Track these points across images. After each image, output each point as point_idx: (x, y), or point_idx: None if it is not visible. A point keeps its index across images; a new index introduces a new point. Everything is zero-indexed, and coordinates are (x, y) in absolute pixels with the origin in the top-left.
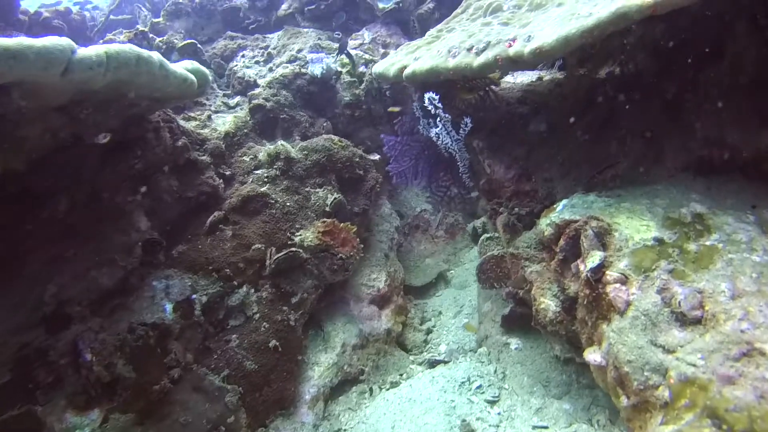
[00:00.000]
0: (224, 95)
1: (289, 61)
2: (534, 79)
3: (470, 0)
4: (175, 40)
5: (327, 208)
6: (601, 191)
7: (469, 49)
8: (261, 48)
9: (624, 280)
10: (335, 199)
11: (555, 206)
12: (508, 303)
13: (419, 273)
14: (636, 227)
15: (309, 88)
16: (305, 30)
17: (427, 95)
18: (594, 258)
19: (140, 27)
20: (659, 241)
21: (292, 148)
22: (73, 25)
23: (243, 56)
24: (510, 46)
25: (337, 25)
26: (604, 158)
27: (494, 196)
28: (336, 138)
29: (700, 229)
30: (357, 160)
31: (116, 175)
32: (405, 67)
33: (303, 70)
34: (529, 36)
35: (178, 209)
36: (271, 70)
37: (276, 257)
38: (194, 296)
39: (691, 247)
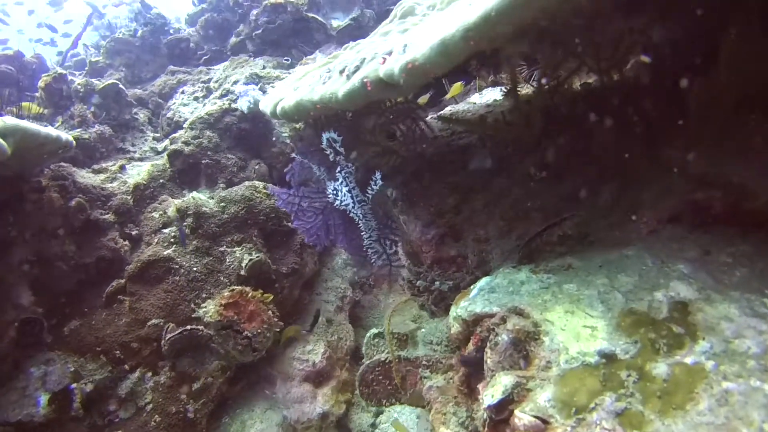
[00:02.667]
0: (154, 139)
1: (222, 96)
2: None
3: (397, 7)
4: (95, 82)
5: (242, 272)
6: (540, 262)
7: (342, 72)
8: (202, 82)
9: (541, 429)
10: (252, 260)
11: (472, 288)
12: None
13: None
14: (576, 330)
15: (240, 125)
16: (252, 58)
17: (326, 135)
18: (497, 388)
19: (58, 70)
20: (607, 357)
21: (211, 199)
22: (32, 68)
23: (183, 92)
24: (384, 62)
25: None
26: (562, 206)
27: (418, 261)
28: (260, 185)
29: (679, 333)
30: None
31: None
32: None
33: (234, 106)
34: (405, 46)
35: (76, 278)
36: (205, 106)
37: (170, 336)
38: (73, 386)
39: (660, 369)
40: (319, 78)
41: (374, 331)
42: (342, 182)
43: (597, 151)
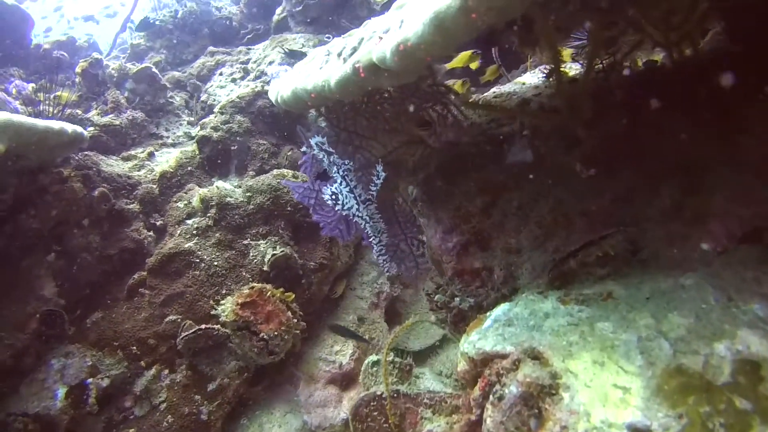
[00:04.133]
0: (188, 123)
1: (256, 78)
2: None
3: None
4: (129, 66)
5: (265, 267)
6: (574, 286)
7: (339, 55)
8: (241, 63)
9: None
10: (275, 255)
11: (488, 315)
12: None
13: (420, 333)
14: (604, 389)
15: (272, 109)
16: (293, 36)
17: (314, 140)
18: None
19: (95, 55)
20: None
21: (238, 188)
22: (82, 54)
23: (221, 74)
24: (380, 42)
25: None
26: (611, 210)
27: (441, 270)
28: (289, 173)
29: (744, 410)
30: None
31: (6, 239)
32: None
33: (266, 88)
34: (402, 21)
35: (100, 269)
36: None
37: (185, 335)
38: (89, 381)
39: None
40: (321, 62)
41: (373, 358)
42: (341, 182)
43: (658, 144)
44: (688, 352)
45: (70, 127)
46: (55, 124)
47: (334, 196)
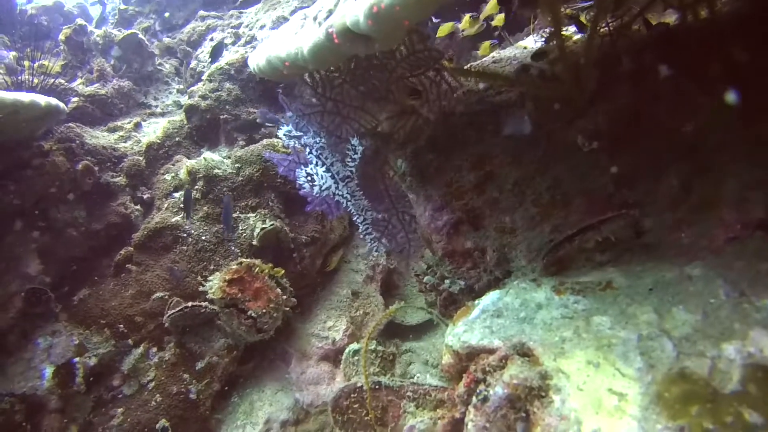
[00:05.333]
0: (178, 92)
1: (246, 43)
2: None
3: None
4: (115, 33)
5: (254, 242)
6: (571, 273)
7: (315, 18)
8: (232, 28)
9: None
10: (265, 228)
11: (476, 303)
12: None
13: (418, 305)
14: (598, 394)
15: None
16: None
17: (281, 131)
18: None
19: (79, 21)
20: None
21: (228, 158)
22: (71, 18)
23: (212, 39)
24: (356, 2)
25: None
26: (614, 190)
27: (431, 249)
28: (279, 143)
29: (754, 425)
30: None
31: None
32: None
33: None
34: None
35: (87, 244)
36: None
37: (171, 313)
38: (75, 360)
39: None
40: (297, 26)
41: (354, 346)
42: (316, 163)
43: (668, 119)
44: (693, 354)
45: (42, 100)
46: (25, 97)
47: (309, 178)
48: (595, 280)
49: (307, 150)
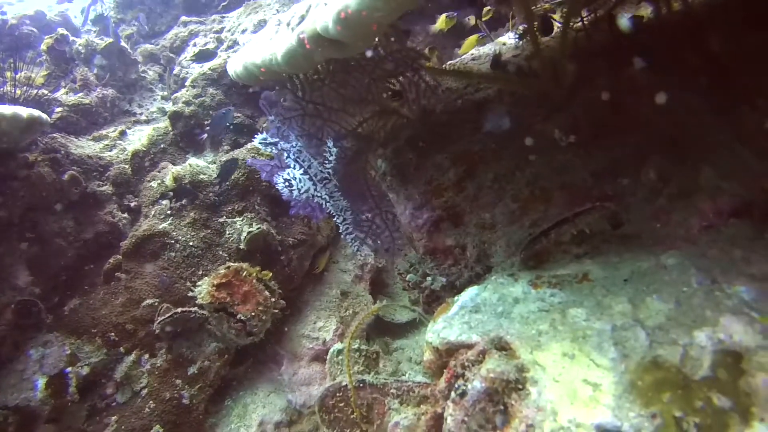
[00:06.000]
0: (162, 98)
1: (228, 48)
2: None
3: None
4: (97, 41)
5: (242, 245)
6: (548, 266)
7: (288, 24)
8: (215, 33)
9: None
10: (252, 232)
11: (456, 299)
12: None
13: (402, 304)
14: (573, 385)
15: None
16: (267, 1)
17: (257, 140)
18: None
19: (60, 30)
20: None
21: (213, 164)
22: (53, 27)
23: (194, 45)
24: (325, 8)
25: None
26: (592, 183)
27: (413, 246)
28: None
29: (722, 409)
30: None
31: None
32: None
33: None
34: None
35: (76, 254)
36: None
37: (161, 320)
38: (68, 370)
39: None
40: (272, 32)
41: (338, 346)
42: (294, 166)
43: (645, 111)
44: (666, 342)
45: (24, 112)
46: (7, 110)
47: (287, 183)
48: (571, 272)
49: (285, 155)
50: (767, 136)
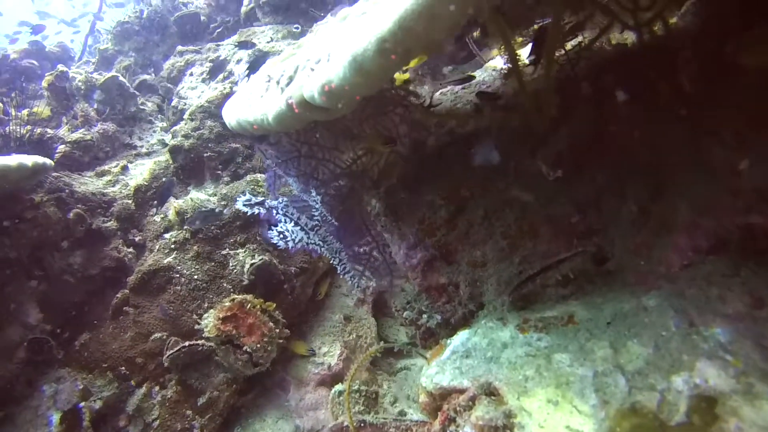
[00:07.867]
0: (162, 129)
1: (225, 78)
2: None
3: None
4: (95, 77)
5: (245, 277)
6: (536, 308)
7: (278, 83)
8: (210, 61)
9: None
10: (255, 264)
11: (448, 342)
12: None
13: (400, 342)
14: (557, 429)
15: None
16: (261, 28)
17: (239, 202)
18: None
19: (60, 67)
20: None
21: (214, 196)
22: (52, 58)
23: (191, 74)
24: (310, 77)
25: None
26: (575, 216)
27: (410, 283)
28: (261, 178)
29: None
30: None
31: None
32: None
33: (235, 89)
34: (329, 55)
35: (84, 289)
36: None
37: (170, 354)
38: (81, 405)
39: None
40: (263, 89)
41: (339, 387)
42: (284, 221)
43: (625, 143)
44: (644, 388)
45: (29, 160)
46: (12, 161)
47: (281, 235)
48: (557, 314)
49: (274, 212)
50: (735, 171)
